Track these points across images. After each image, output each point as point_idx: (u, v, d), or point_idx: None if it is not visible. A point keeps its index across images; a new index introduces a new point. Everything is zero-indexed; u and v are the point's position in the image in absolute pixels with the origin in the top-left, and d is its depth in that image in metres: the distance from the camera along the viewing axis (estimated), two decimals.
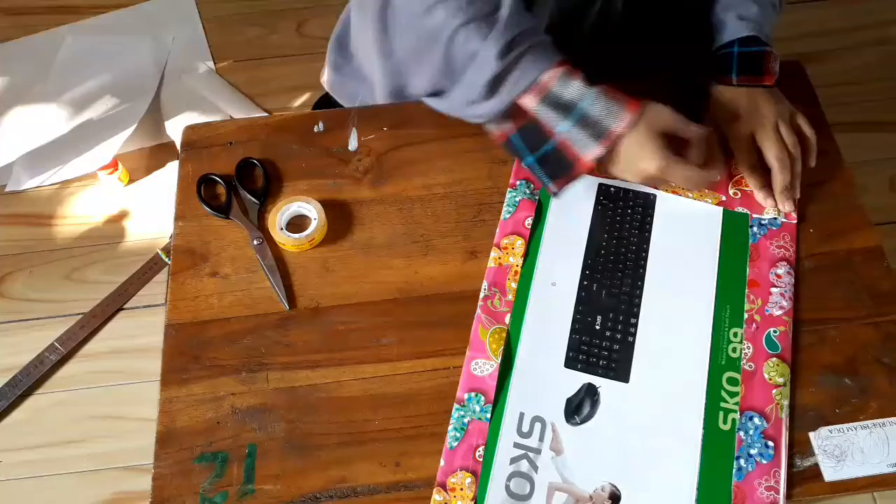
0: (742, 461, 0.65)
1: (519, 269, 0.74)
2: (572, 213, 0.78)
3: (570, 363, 0.70)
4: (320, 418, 0.68)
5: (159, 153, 1.67)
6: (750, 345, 0.70)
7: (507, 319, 0.72)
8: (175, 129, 1.67)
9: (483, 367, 0.69)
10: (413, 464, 0.66)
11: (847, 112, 1.66)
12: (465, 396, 0.68)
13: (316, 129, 0.84)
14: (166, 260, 1.51)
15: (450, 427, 0.67)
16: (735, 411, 0.67)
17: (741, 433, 0.66)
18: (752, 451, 0.66)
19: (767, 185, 0.78)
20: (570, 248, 0.76)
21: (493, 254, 0.75)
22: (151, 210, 1.60)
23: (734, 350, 0.70)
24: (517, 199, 0.78)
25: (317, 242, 0.77)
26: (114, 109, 1.70)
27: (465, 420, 0.67)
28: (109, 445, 1.36)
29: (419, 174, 0.81)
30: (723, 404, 0.68)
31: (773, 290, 0.73)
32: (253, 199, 0.80)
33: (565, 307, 0.73)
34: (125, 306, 1.49)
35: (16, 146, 1.66)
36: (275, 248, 0.77)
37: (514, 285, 0.74)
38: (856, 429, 0.67)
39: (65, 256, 1.55)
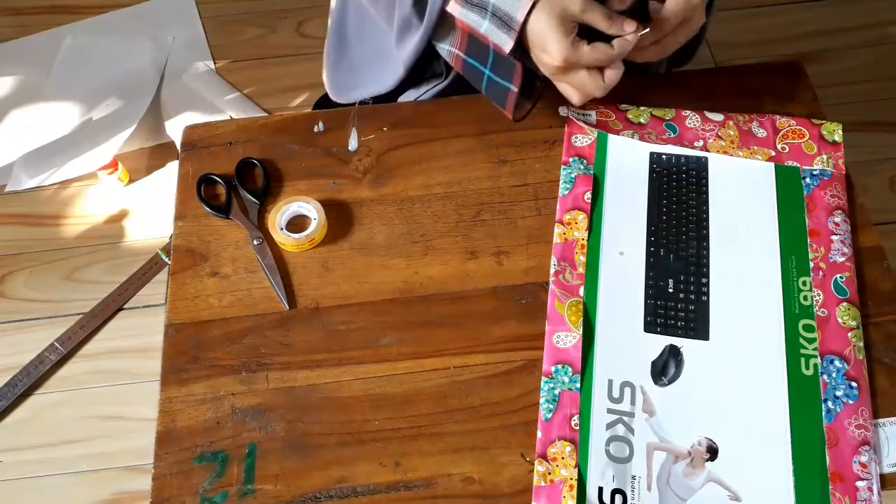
0: (829, 403, 0.67)
1: (585, 242, 0.76)
2: (628, 183, 0.79)
3: (650, 327, 0.71)
4: (320, 418, 0.68)
5: (159, 153, 1.67)
6: (820, 292, 0.72)
7: (581, 292, 0.73)
8: (175, 129, 1.67)
9: (566, 339, 0.70)
10: (413, 464, 0.66)
11: (847, 112, 1.65)
12: (552, 369, 0.69)
13: (316, 129, 0.84)
14: (166, 260, 1.51)
15: (541, 400, 0.68)
16: (815, 356, 0.69)
17: (824, 377, 0.68)
18: (838, 393, 0.67)
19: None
20: (632, 217, 0.77)
21: (557, 230, 0.76)
22: (151, 210, 1.60)
23: (805, 298, 0.72)
24: (573, 175, 0.79)
25: (317, 242, 0.77)
26: (114, 109, 1.70)
27: (556, 391, 0.68)
28: (109, 445, 1.36)
29: (419, 174, 0.81)
30: (802, 350, 0.69)
31: (834, 237, 0.75)
32: (253, 199, 0.80)
33: (636, 274, 0.74)
34: (125, 306, 1.49)
35: (16, 146, 1.66)
36: (275, 248, 0.77)
37: (582, 258, 0.75)
38: None
39: (65, 256, 1.55)
